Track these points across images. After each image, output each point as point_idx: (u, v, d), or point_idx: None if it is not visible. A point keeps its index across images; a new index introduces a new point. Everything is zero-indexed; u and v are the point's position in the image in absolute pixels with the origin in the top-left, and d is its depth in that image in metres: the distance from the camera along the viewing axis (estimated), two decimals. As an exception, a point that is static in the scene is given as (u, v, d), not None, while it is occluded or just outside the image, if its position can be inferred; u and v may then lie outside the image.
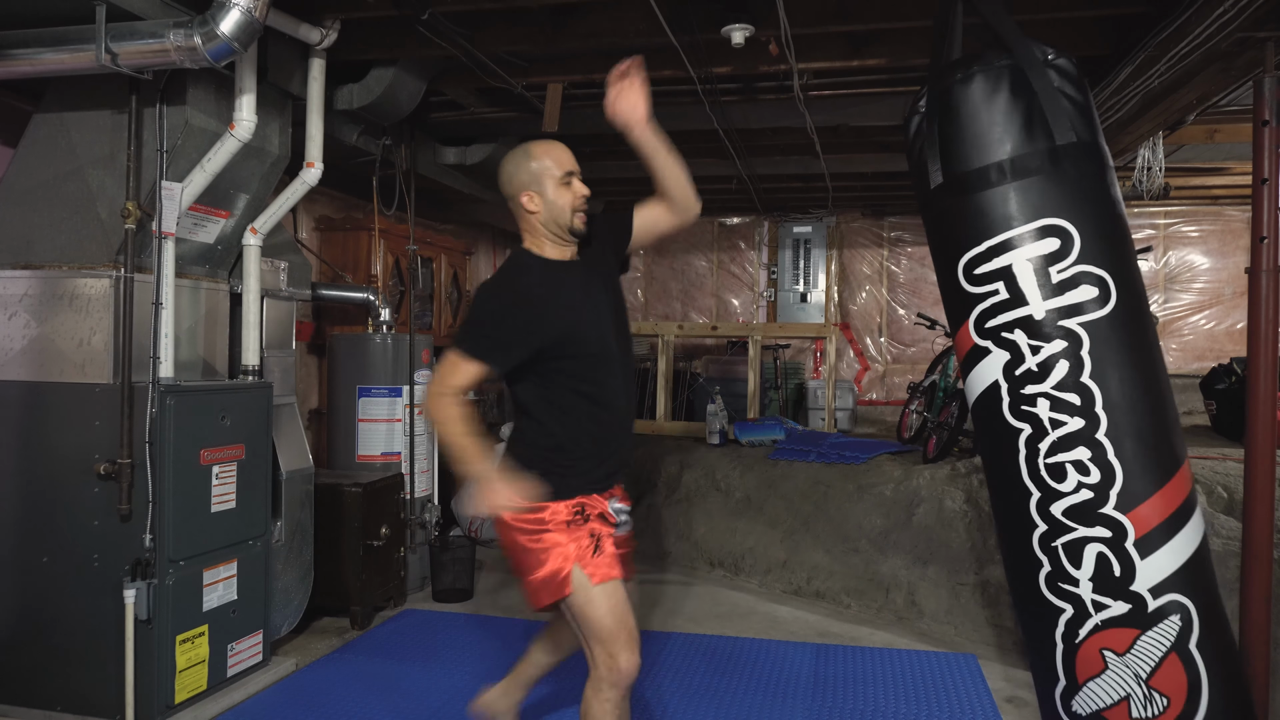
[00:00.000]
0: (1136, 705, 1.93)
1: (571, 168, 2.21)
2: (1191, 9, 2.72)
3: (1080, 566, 1.96)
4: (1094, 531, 1.95)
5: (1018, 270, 2.03)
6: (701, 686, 3.23)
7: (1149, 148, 4.70)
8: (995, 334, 2.07)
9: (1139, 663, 1.93)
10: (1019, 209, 2.05)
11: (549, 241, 2.22)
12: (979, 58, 2.15)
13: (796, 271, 7.79)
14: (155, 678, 2.82)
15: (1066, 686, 2.01)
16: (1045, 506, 2.01)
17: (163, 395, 2.84)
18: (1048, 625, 2.02)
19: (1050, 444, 1.99)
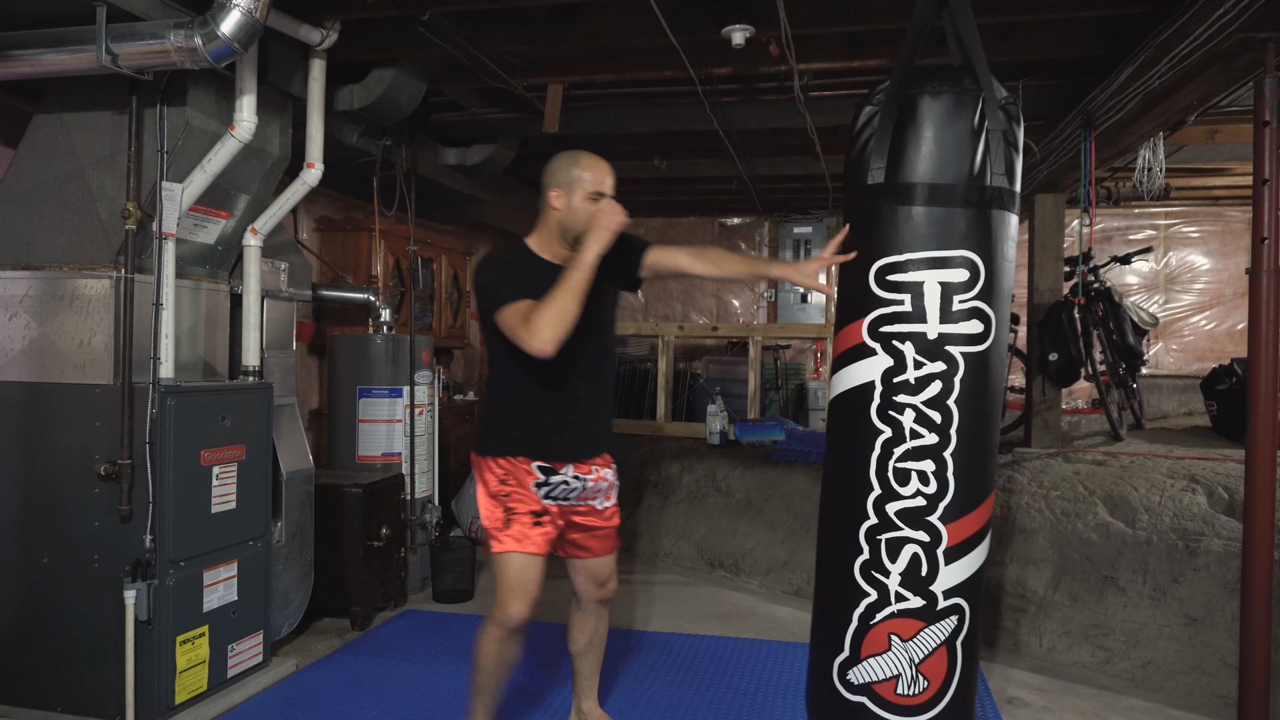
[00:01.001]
0: (904, 683, 2.21)
1: (605, 189, 2.36)
2: (1192, 10, 2.72)
3: (895, 561, 2.20)
4: (917, 535, 2.19)
5: (927, 289, 2.17)
6: (702, 687, 3.23)
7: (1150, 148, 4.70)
8: (886, 339, 2.20)
9: (916, 649, 2.20)
10: (948, 233, 2.18)
11: (556, 241, 2.40)
12: (953, 78, 2.21)
13: (797, 272, 7.77)
14: (155, 678, 2.82)
15: (848, 658, 2.25)
16: (882, 504, 2.21)
17: (163, 396, 2.84)
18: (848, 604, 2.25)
19: (904, 451, 2.18)
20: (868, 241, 2.24)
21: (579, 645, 2.65)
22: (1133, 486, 3.83)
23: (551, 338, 2.15)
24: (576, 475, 2.44)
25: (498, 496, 2.38)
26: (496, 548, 2.37)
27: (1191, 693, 3.23)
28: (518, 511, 2.36)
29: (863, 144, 2.27)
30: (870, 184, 2.22)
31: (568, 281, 2.19)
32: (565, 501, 2.44)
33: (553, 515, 2.41)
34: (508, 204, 6.17)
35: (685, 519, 5.20)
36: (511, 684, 3.21)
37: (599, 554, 2.55)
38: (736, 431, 5.70)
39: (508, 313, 2.22)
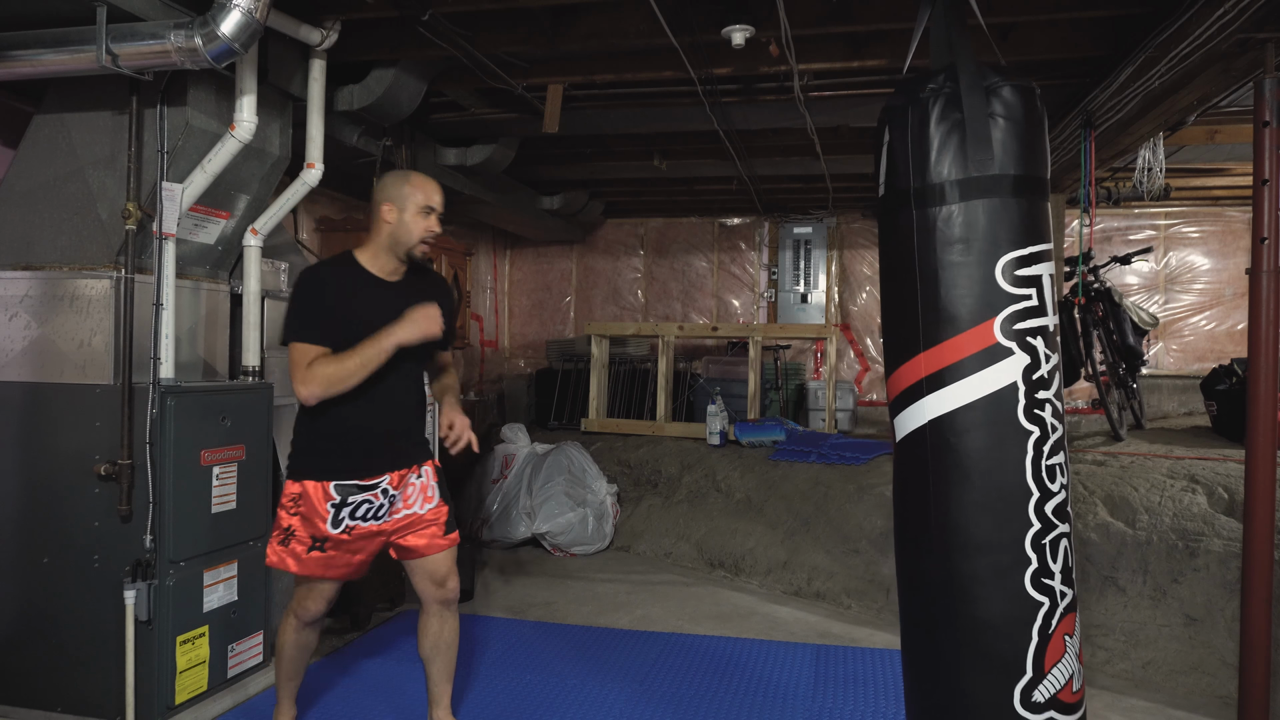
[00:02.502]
0: (1076, 679, 2.13)
1: (435, 205, 2.48)
2: (1192, 10, 2.72)
3: (1056, 560, 2.13)
4: (1064, 526, 2.14)
5: (1044, 281, 2.13)
6: (701, 687, 3.23)
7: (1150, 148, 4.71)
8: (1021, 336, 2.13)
9: (1077, 641, 2.15)
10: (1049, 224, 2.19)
11: (384, 255, 2.47)
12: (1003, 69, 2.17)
13: (797, 272, 7.79)
14: (155, 678, 2.82)
15: (1031, 679, 2.11)
16: (1041, 506, 2.11)
17: (163, 396, 2.84)
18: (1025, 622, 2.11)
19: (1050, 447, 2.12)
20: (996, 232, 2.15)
21: (425, 649, 2.64)
22: (1133, 487, 3.83)
23: (319, 395, 2.31)
24: (385, 490, 2.48)
25: (285, 509, 2.46)
26: (268, 559, 2.49)
27: (1191, 693, 3.23)
28: (297, 534, 2.44)
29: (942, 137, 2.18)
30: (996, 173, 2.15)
31: (362, 355, 2.31)
32: (374, 521, 2.48)
33: (343, 541, 2.45)
34: (508, 204, 6.17)
35: (685, 519, 5.20)
36: (511, 685, 3.21)
37: (428, 551, 2.55)
38: (736, 431, 5.70)
39: (296, 350, 2.33)
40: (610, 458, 5.89)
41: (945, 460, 2.17)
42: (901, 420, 2.23)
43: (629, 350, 7.17)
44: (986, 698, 2.13)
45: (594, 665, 3.42)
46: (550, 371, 7.25)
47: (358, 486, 2.45)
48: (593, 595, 4.37)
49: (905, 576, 2.29)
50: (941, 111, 2.13)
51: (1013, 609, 2.12)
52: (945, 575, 2.17)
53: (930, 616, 2.20)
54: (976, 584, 2.15)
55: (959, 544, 2.15)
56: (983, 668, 2.15)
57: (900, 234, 2.22)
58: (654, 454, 5.78)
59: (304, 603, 2.55)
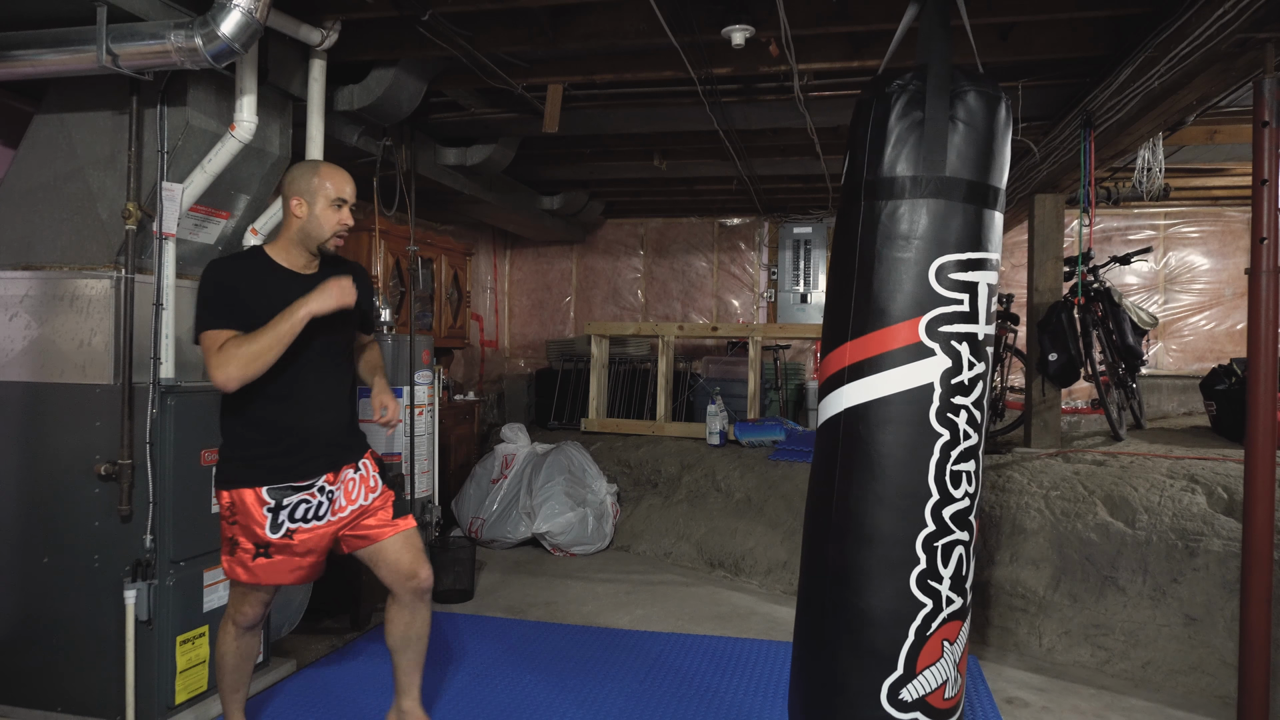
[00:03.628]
0: (949, 687, 2.16)
1: (346, 196, 2.42)
2: (1191, 10, 2.72)
3: (948, 565, 2.15)
4: (962, 535, 2.16)
5: (980, 289, 2.16)
6: (701, 687, 3.23)
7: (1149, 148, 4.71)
8: (945, 339, 2.15)
9: (957, 649, 2.17)
10: (995, 235, 2.20)
11: (295, 249, 2.43)
12: (974, 76, 2.18)
13: (797, 272, 7.79)
14: (156, 678, 2.82)
15: (901, 676, 2.15)
16: (939, 509, 2.14)
17: (163, 396, 2.84)
18: (903, 619, 2.15)
19: (960, 453, 2.16)
20: (920, 236, 2.16)
21: (394, 640, 2.57)
22: (1132, 486, 3.84)
23: (237, 377, 2.23)
24: (323, 487, 2.44)
25: (224, 520, 2.42)
26: (223, 566, 2.46)
27: (1191, 693, 3.23)
28: (240, 544, 2.39)
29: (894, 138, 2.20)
30: (951, 176, 2.16)
31: (274, 329, 2.25)
32: (316, 521, 2.43)
33: (287, 545, 2.40)
34: (508, 204, 6.17)
35: (685, 519, 5.20)
36: (511, 685, 3.22)
37: (379, 537, 2.50)
38: (736, 431, 5.70)
39: (206, 338, 2.27)
40: (610, 457, 5.89)
41: (853, 450, 2.19)
42: (823, 406, 2.27)
43: (629, 350, 7.17)
44: (858, 687, 2.18)
45: (594, 665, 3.42)
46: (550, 371, 7.25)
47: (292, 488, 2.39)
48: (592, 595, 4.37)
49: (805, 560, 2.32)
50: (903, 108, 2.15)
51: (894, 604, 2.15)
52: (839, 562, 2.20)
53: (820, 601, 2.24)
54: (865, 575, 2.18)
55: (854, 533, 2.18)
56: (858, 657, 2.19)
57: (848, 224, 2.25)
58: (654, 454, 5.78)
59: (240, 608, 2.48)
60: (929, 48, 2.17)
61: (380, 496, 2.53)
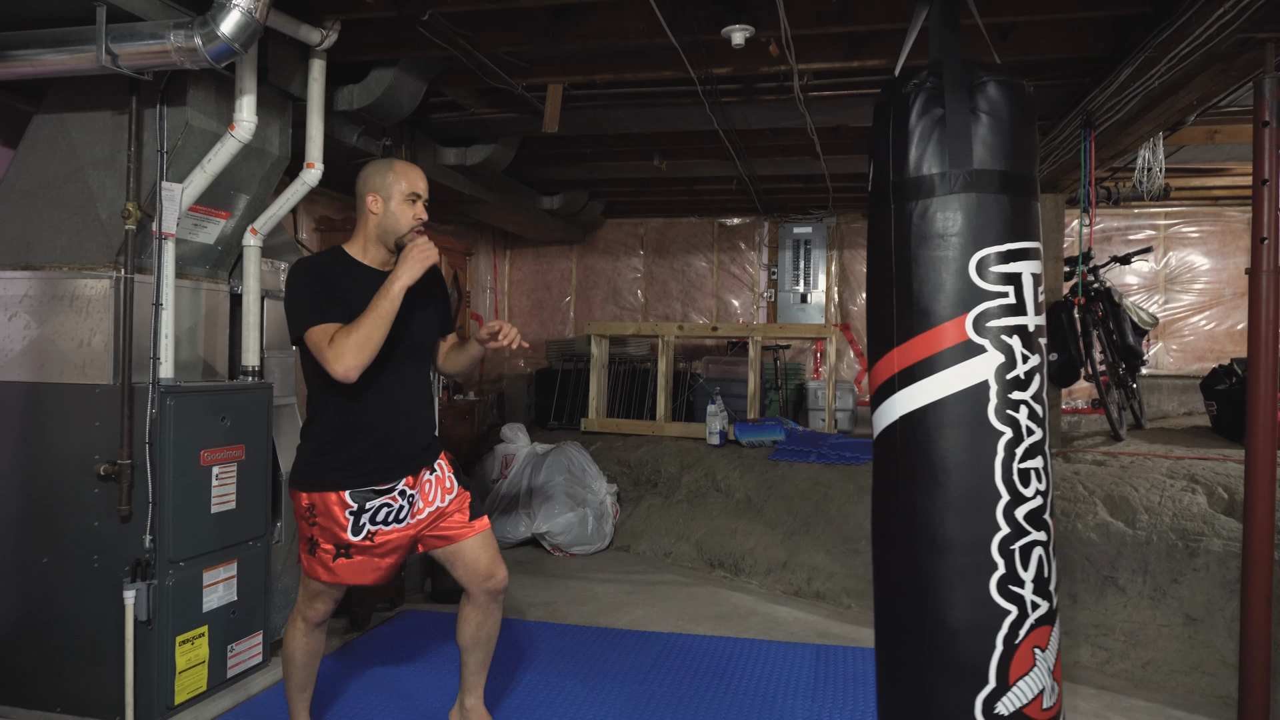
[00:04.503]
0: (1047, 696, 2.07)
1: (420, 191, 2.43)
2: (1191, 10, 2.72)
3: (1028, 569, 2.07)
4: (1039, 535, 2.09)
5: (1025, 280, 2.10)
6: (701, 687, 3.23)
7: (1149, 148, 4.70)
8: (994, 334, 2.10)
9: (1050, 656, 2.08)
10: (1036, 222, 2.15)
11: (374, 246, 2.43)
12: (994, 66, 2.16)
13: (797, 272, 7.79)
14: (155, 679, 2.82)
15: (994, 689, 2.05)
16: (1011, 510, 2.07)
17: (163, 396, 2.84)
18: (988, 630, 2.06)
19: (1025, 450, 2.08)
20: (968, 233, 2.13)
21: (464, 638, 2.58)
22: (1133, 486, 3.83)
23: (355, 364, 2.20)
24: (403, 491, 2.44)
25: (304, 520, 2.41)
26: (303, 563, 2.44)
27: (1191, 693, 3.23)
28: (320, 544, 2.39)
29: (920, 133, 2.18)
30: (978, 168, 2.14)
31: (375, 309, 2.24)
32: (396, 524, 2.43)
33: (368, 547, 2.40)
34: (508, 204, 6.17)
35: (685, 519, 5.20)
36: (511, 685, 3.21)
37: (458, 538, 2.51)
38: (736, 431, 5.70)
39: (314, 334, 2.24)
40: (610, 458, 5.89)
41: (913, 457, 2.14)
42: (877, 417, 2.22)
43: (629, 350, 7.17)
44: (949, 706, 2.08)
45: (594, 665, 3.42)
46: (550, 371, 7.25)
47: (374, 491, 2.39)
48: (592, 595, 4.37)
49: (876, 576, 2.26)
50: (923, 106, 2.12)
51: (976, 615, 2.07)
52: (911, 575, 2.13)
53: (897, 618, 2.17)
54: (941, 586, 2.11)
55: (925, 544, 2.11)
56: (946, 674, 2.10)
57: (880, 230, 2.22)
58: (654, 454, 5.78)
59: (313, 604, 2.49)
60: (941, 44, 2.16)
61: (456, 498, 2.54)
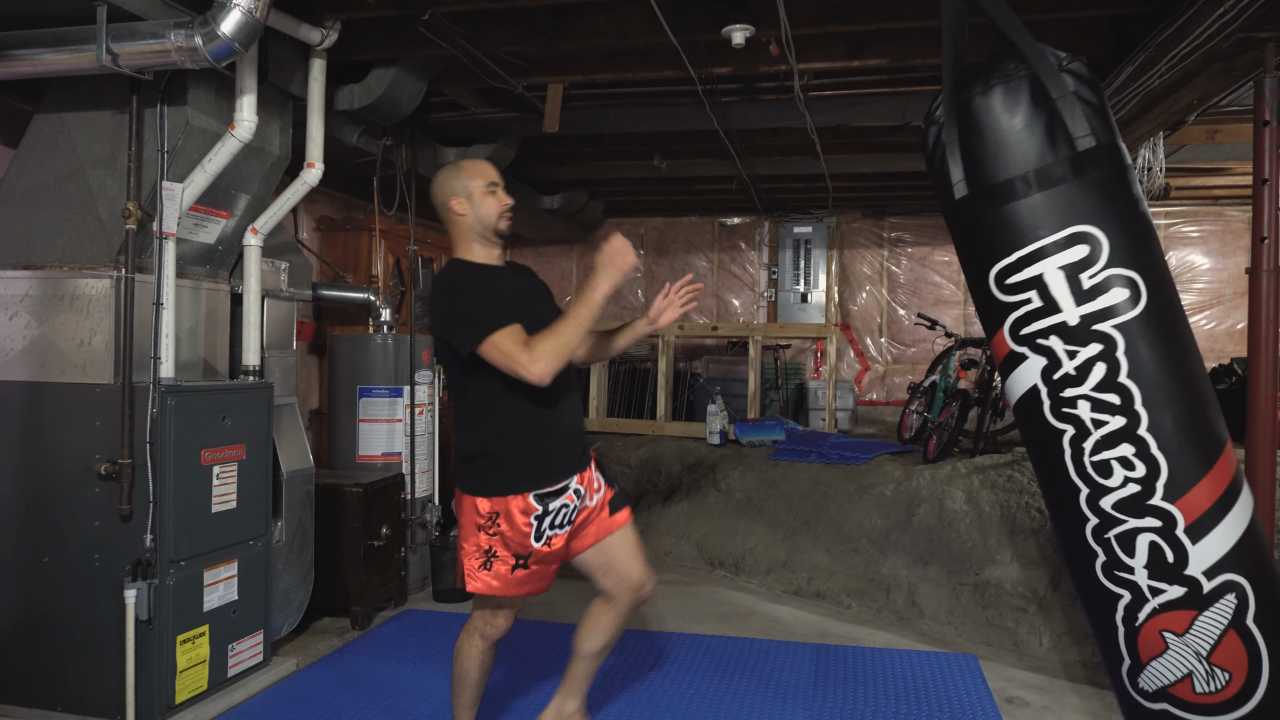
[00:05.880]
0: (1199, 681, 2.04)
1: (496, 179, 2.41)
2: (1192, 9, 2.72)
3: (1134, 555, 2.06)
4: (1144, 522, 2.05)
5: (1049, 279, 2.10)
6: (702, 687, 3.23)
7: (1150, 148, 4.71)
8: (1030, 340, 2.14)
9: (1199, 641, 2.03)
10: (1046, 219, 2.10)
11: (477, 244, 2.39)
12: (996, 67, 2.17)
13: (797, 272, 7.79)
14: (156, 678, 2.82)
15: (1132, 665, 2.13)
16: (1095, 501, 2.10)
17: (163, 395, 2.84)
18: (1107, 610, 2.13)
19: (1094, 443, 2.08)
20: (978, 253, 2.22)
21: (594, 645, 2.49)
22: (1133, 486, 3.83)
23: (551, 369, 2.13)
24: (577, 489, 2.37)
25: (483, 530, 2.31)
26: (471, 586, 2.33)
27: (1191, 692, 3.23)
28: (499, 555, 2.30)
29: (939, 164, 2.25)
30: (958, 199, 2.20)
31: (576, 316, 2.18)
32: (568, 526, 2.36)
33: (545, 554, 2.33)
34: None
35: (685, 519, 5.20)
36: (511, 685, 3.21)
37: (599, 536, 2.43)
38: (736, 431, 5.70)
39: (500, 339, 2.13)
40: (610, 457, 5.89)
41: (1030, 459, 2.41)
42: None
43: (629, 350, 7.16)
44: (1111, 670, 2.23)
45: (594, 665, 3.42)
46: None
47: (554, 493, 2.31)
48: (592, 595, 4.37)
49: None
50: (934, 139, 2.28)
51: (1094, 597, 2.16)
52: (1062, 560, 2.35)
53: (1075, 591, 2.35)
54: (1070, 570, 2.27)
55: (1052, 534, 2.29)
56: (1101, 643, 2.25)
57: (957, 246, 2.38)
58: (654, 453, 5.77)
59: (494, 621, 2.38)
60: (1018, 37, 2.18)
61: (602, 496, 2.48)
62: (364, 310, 4.58)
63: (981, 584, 3.88)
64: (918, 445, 5.26)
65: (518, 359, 2.12)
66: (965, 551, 4.01)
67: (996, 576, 3.84)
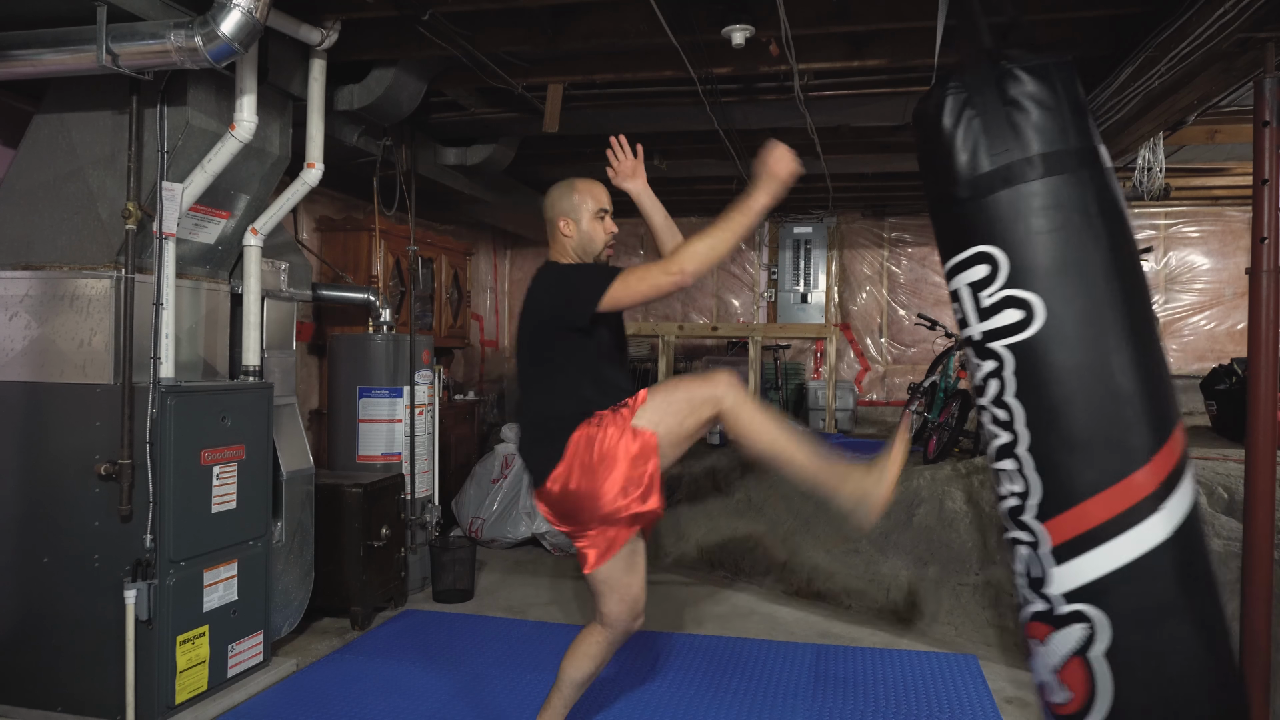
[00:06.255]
0: (1050, 690, 2.12)
1: (607, 206, 2.45)
2: (1192, 9, 2.72)
3: (1016, 561, 2.19)
4: (1020, 534, 2.15)
5: (962, 294, 2.18)
6: (702, 687, 3.23)
7: (1149, 148, 4.70)
8: (962, 351, 2.36)
9: (1050, 656, 2.10)
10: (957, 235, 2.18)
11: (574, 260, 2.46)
12: (949, 77, 2.20)
13: (797, 272, 7.79)
14: (155, 678, 2.82)
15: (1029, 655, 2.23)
16: (999, 502, 2.24)
17: (163, 396, 2.84)
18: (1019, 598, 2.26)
19: (993, 452, 2.19)
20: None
21: (582, 674, 2.42)
22: (1133, 486, 3.83)
23: (698, 269, 2.10)
24: None
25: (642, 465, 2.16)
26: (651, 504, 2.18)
27: (1191, 692, 3.23)
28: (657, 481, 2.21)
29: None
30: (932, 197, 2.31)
31: (731, 223, 2.14)
32: None
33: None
34: (507, 204, 6.17)
35: (685, 519, 5.20)
36: (511, 685, 3.21)
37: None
38: (736, 431, 5.69)
39: (625, 279, 2.15)
40: (610, 457, 5.88)
41: None
42: None
43: (629, 350, 7.16)
44: None
45: (594, 665, 3.42)
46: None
47: None
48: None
49: None
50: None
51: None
52: None
53: None
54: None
55: None
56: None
57: None
58: (654, 454, 5.77)
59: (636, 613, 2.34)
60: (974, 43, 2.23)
61: None
62: (364, 310, 4.58)
63: (982, 584, 3.88)
64: (918, 446, 5.25)
65: (658, 272, 2.12)
66: (965, 552, 4.01)
67: (997, 577, 3.84)
